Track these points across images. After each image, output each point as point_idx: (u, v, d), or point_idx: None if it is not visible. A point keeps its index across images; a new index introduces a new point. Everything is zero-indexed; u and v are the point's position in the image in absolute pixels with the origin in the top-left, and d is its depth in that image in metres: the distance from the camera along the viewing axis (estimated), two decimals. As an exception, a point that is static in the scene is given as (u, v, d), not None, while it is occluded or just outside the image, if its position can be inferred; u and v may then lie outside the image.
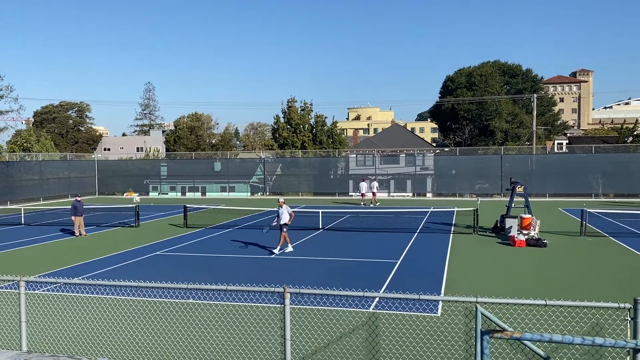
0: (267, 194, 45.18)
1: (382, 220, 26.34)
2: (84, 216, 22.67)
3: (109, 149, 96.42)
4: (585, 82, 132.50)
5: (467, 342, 8.74)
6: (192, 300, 11.68)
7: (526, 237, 18.64)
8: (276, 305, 10.91)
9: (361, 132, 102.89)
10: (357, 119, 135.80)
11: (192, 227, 24.29)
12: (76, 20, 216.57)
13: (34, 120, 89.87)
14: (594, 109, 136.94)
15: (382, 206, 34.31)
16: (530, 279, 13.68)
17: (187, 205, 26.49)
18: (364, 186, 36.18)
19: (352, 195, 42.30)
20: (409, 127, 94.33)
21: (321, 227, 23.31)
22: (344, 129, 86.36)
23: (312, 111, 60.70)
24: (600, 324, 9.43)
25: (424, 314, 10.29)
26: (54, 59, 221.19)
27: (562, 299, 7.43)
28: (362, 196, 36.12)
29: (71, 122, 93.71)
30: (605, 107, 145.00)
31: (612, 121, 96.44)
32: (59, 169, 45.16)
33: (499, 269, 15.07)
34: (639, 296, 5.81)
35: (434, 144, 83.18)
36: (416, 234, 21.59)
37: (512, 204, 21.15)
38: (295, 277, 13.98)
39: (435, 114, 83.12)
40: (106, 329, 9.91)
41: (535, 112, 57.48)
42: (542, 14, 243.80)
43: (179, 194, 47.00)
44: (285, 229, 17.46)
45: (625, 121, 72.03)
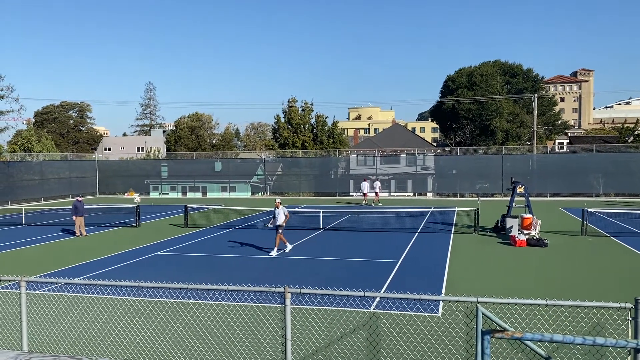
0: (268, 194, 45.17)
1: (383, 220, 26.33)
2: (84, 216, 22.70)
3: (110, 149, 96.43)
4: (586, 81, 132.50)
5: (467, 342, 8.74)
6: (193, 300, 11.68)
7: (527, 236, 18.63)
8: (277, 305, 10.90)
9: (362, 132, 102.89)
10: (358, 118, 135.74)
11: (192, 227, 24.30)
12: (76, 20, 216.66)
13: (34, 120, 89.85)
14: (594, 109, 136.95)
15: (383, 206, 34.32)
16: (531, 279, 13.67)
17: (188, 205, 26.48)
18: (365, 186, 36.30)
19: (353, 195, 42.33)
20: (409, 127, 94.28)
21: (322, 227, 23.32)
22: (344, 129, 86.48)
23: (312, 111, 60.75)
24: (601, 324, 9.42)
25: (425, 314, 10.29)
26: (54, 59, 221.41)
27: (563, 299, 7.44)
28: (364, 196, 36.20)
29: (72, 122, 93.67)
30: (606, 107, 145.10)
31: (612, 121, 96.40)
32: (60, 169, 45.16)
33: (500, 268, 15.06)
34: (639, 296, 5.81)
35: (435, 144, 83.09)
36: (417, 233, 21.59)
37: (513, 204, 21.13)
38: (295, 277, 13.98)
39: (435, 113, 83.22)
40: (107, 329, 9.91)
41: (535, 112, 57.47)
42: (542, 13, 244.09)
43: (180, 194, 47.01)
44: (280, 230, 17.31)
45: (626, 121, 72.10)
